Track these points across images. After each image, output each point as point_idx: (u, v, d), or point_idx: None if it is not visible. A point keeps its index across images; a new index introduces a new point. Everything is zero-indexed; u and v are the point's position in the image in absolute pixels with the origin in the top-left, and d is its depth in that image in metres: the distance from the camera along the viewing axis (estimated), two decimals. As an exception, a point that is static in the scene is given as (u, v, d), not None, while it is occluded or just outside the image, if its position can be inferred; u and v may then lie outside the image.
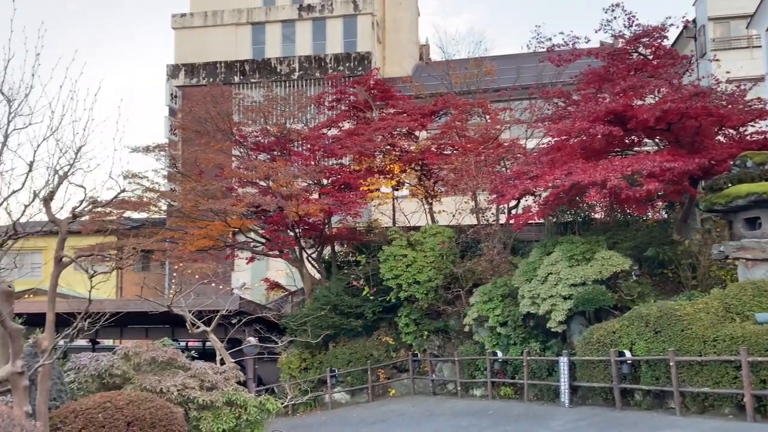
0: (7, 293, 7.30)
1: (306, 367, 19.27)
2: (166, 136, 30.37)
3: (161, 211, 23.97)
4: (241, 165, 22.80)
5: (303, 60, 31.90)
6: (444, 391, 18.21)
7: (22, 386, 7.06)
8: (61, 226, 7.80)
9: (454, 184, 19.11)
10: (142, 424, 7.49)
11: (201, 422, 9.28)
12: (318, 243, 22.32)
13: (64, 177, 7.78)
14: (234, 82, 31.47)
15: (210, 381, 9.86)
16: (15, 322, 7.28)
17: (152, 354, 9.59)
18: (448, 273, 18.17)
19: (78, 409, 7.51)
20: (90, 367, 9.26)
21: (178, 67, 32.41)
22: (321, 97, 24.34)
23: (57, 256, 7.86)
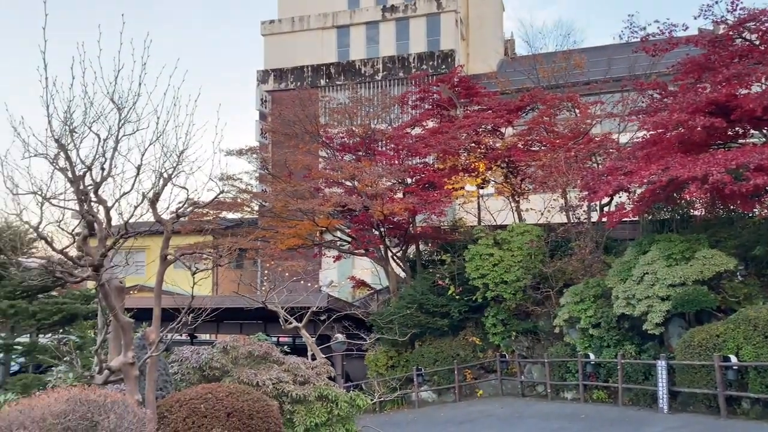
0: (119, 289, 7.84)
1: (392, 365, 19.43)
2: (257, 139, 31.56)
3: (254, 212, 24.92)
4: (327, 166, 23.32)
5: (386, 60, 32.16)
6: (533, 393, 17.81)
7: (133, 376, 7.56)
8: (166, 225, 8.28)
9: (543, 181, 18.63)
10: (240, 416, 7.80)
11: (294, 416, 9.57)
12: (403, 242, 22.46)
13: (168, 179, 8.26)
14: (320, 84, 32.23)
15: (302, 375, 10.14)
16: (125, 316, 7.81)
17: (249, 348, 9.99)
18: (537, 273, 17.75)
19: (182, 399, 7.91)
20: (192, 360, 9.75)
21: (267, 72, 33.56)
22: (404, 97, 24.47)
23: (162, 254, 8.36)
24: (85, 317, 10.51)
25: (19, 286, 9.75)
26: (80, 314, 10.42)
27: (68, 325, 10.43)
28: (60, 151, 7.48)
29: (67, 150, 7.47)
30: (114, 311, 7.46)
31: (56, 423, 5.47)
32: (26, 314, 9.88)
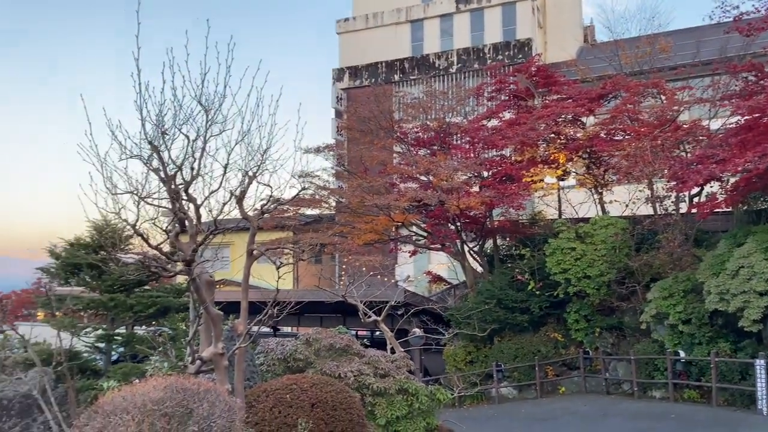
0: (209, 282, 8.20)
1: (471, 360, 19.28)
2: (333, 136, 32.06)
3: (331, 208, 25.36)
4: (402, 161, 23.38)
5: (461, 52, 31.84)
6: (618, 391, 17.20)
7: (223, 366, 7.89)
8: (252, 222, 8.59)
9: (627, 171, 17.89)
10: (324, 406, 7.98)
11: (376, 408, 9.69)
12: (479, 236, 22.21)
13: (253, 178, 8.55)
14: (394, 80, 32.33)
15: (383, 369, 10.25)
16: (215, 309, 8.16)
17: (330, 341, 10.19)
18: (622, 267, 17.09)
19: (268, 389, 8.19)
20: (276, 351, 10.06)
21: (342, 70, 34.01)
22: (480, 89, 24.13)
23: (249, 250, 8.67)
24: (176, 310, 11.06)
25: (118, 281, 10.38)
26: (172, 307, 10.98)
27: (162, 317, 11.01)
28: (153, 152, 7.88)
29: (159, 151, 7.87)
30: (205, 304, 7.80)
31: (155, 409, 5.79)
32: (124, 307, 10.51)
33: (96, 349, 10.95)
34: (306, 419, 7.62)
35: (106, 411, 5.84)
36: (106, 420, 5.72)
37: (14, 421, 8.86)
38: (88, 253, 10.66)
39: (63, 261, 10.69)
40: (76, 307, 10.51)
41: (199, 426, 5.84)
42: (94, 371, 10.54)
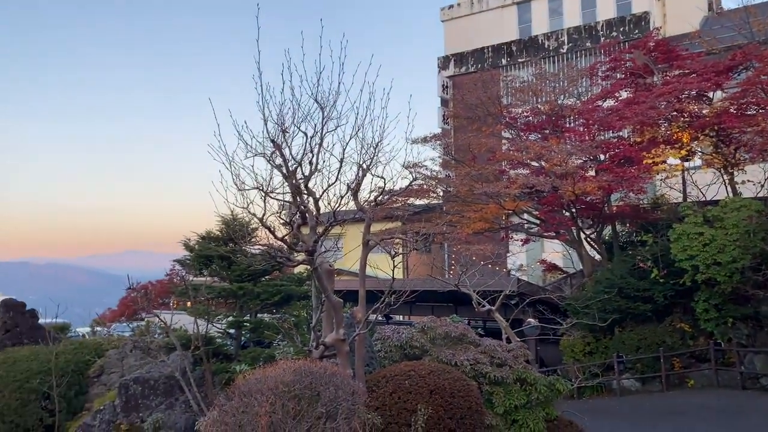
0: (329, 272, 8.56)
1: (590, 351, 18.62)
2: (440, 125, 32.01)
3: (439, 197, 25.39)
4: (512, 147, 22.90)
5: (572, 32, 30.59)
6: (756, 386, 15.94)
7: (345, 351, 8.22)
8: (367, 213, 8.84)
9: (762, 148, 16.43)
10: (442, 393, 8.07)
11: (493, 397, 9.65)
12: (596, 222, 21.33)
13: (367, 170, 8.79)
14: (501, 65, 31.68)
15: (499, 358, 10.18)
16: (335, 297, 8.49)
17: (445, 329, 10.27)
18: (758, 252, 15.75)
19: (388, 375, 8.41)
20: (393, 339, 10.29)
21: (447, 58, 33.82)
22: (593, 68, 23.08)
23: (364, 240, 8.93)
24: (298, 298, 11.60)
25: (246, 271, 11.06)
26: (295, 295, 11.53)
27: (285, 304, 11.59)
28: (275, 149, 8.34)
29: (281, 148, 8.29)
30: (326, 292, 8.16)
31: (286, 391, 6.16)
32: (252, 295, 11.18)
33: (227, 334, 11.75)
34: (425, 405, 7.75)
35: (243, 392, 6.28)
36: (243, 400, 6.17)
37: (160, 399, 9.74)
38: (218, 245, 11.45)
39: (196, 253, 11.56)
40: (209, 295, 11.34)
41: (327, 408, 6.14)
42: (225, 355, 11.32)
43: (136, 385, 9.73)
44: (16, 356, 10.47)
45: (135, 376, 9.86)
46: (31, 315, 12.58)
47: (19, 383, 9.86)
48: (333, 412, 6.19)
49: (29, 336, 12.05)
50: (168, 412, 9.65)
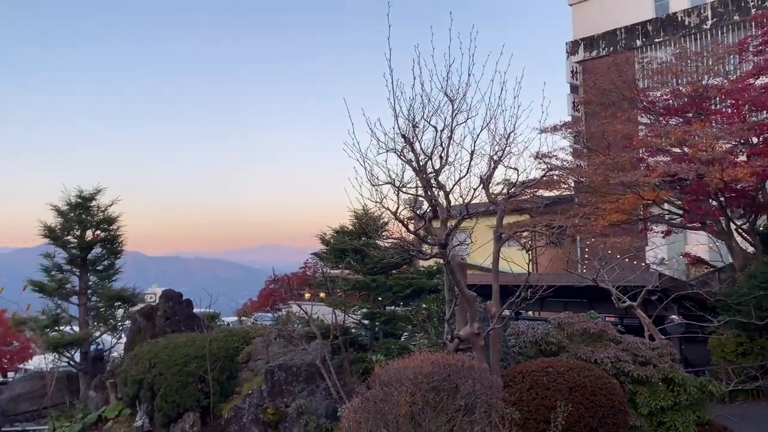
0: (461, 265, 8.56)
1: (743, 352, 17.03)
2: (569, 113, 30.76)
3: (570, 188, 24.42)
4: (650, 133, 21.45)
5: (716, 5, 28.09)
6: None
7: (480, 345, 8.19)
8: (499, 205, 8.73)
9: None
10: (583, 391, 7.80)
11: (637, 396, 9.17)
12: (749, 212, 19.44)
13: (498, 162, 8.68)
14: (636, 46, 29.82)
15: (642, 356, 9.65)
16: (469, 291, 8.47)
17: (583, 325, 9.90)
18: None
19: (524, 370, 8.26)
20: (527, 334, 10.09)
21: (576, 42, 32.42)
22: (743, 43, 21.00)
23: (497, 233, 8.83)
24: (429, 291, 11.71)
25: (378, 264, 11.35)
26: (426, 288, 11.65)
27: (417, 297, 11.75)
28: (406, 144, 8.47)
29: (411, 143, 8.41)
30: (459, 285, 8.17)
31: (425, 381, 6.25)
32: (384, 287, 11.46)
33: (361, 325, 12.13)
34: (564, 402, 7.53)
35: (383, 381, 6.46)
36: (384, 389, 6.34)
37: (302, 385, 10.27)
38: (352, 239, 11.84)
39: (332, 247, 12.04)
40: (345, 287, 11.77)
41: (466, 401, 6.16)
42: (360, 345, 11.70)
43: (280, 371, 10.34)
44: (176, 342, 11.51)
45: (279, 363, 10.47)
46: (187, 305, 13.79)
47: (179, 367, 10.83)
48: (472, 405, 6.20)
49: (186, 324, 13.21)
50: (310, 398, 10.15)
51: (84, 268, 14.87)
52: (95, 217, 14.98)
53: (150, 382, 10.87)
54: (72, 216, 14.76)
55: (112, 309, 15.08)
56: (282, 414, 10.06)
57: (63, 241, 14.63)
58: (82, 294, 14.74)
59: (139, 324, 13.47)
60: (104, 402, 12.84)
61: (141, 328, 13.33)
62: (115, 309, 15.12)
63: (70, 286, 14.69)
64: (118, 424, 11.70)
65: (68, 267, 14.83)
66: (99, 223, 14.97)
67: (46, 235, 14.71)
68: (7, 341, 18.18)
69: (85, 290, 14.79)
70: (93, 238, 14.94)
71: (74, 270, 14.90)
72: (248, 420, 10.22)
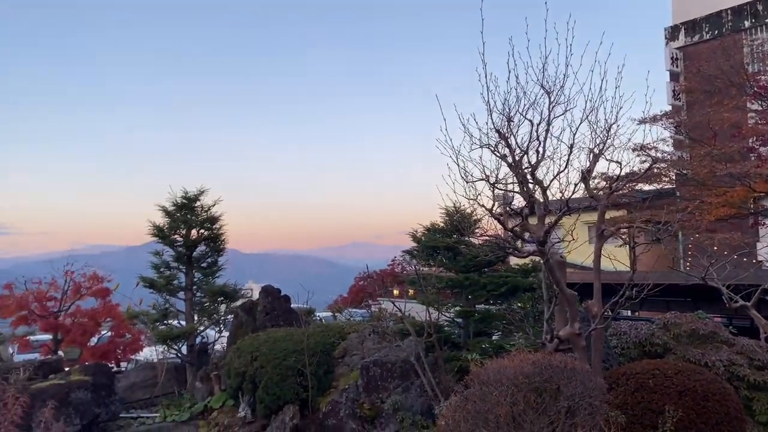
0: (561, 263, 8.31)
1: None
2: (669, 102, 29.15)
3: (671, 181, 23.15)
4: (762, 120, 19.94)
5: (838, -21, 25.70)
6: None
7: (581, 346, 7.93)
8: (600, 200, 8.40)
9: None
10: (693, 396, 7.37)
11: (754, 403, 8.58)
12: None
13: (599, 155, 8.35)
14: (744, 28, 27.78)
15: (759, 360, 9.01)
16: (569, 289, 8.21)
17: (692, 326, 9.37)
18: None
19: (628, 372, 7.92)
20: (630, 335, 9.67)
21: (676, 27, 30.65)
22: None
23: (599, 230, 8.51)
24: (524, 290, 11.47)
25: (471, 262, 11.24)
26: (521, 287, 11.42)
27: (511, 296, 11.54)
28: (500, 139, 8.32)
29: (506, 138, 8.26)
30: (559, 284, 7.94)
31: (525, 382, 6.13)
32: (478, 285, 11.32)
33: (454, 323, 12.06)
34: (674, 407, 7.16)
35: (482, 380, 6.40)
36: (483, 389, 6.28)
37: (397, 382, 10.36)
38: (443, 236, 11.80)
39: (423, 244, 12.04)
40: (438, 285, 11.74)
41: (569, 403, 5.99)
42: (454, 344, 11.63)
43: (375, 367, 10.47)
44: (275, 336, 11.93)
45: (374, 359, 10.61)
46: (285, 300, 14.25)
47: (279, 360, 11.21)
48: (575, 407, 6.01)
49: (284, 319, 13.66)
50: (404, 395, 10.22)
51: (189, 265, 15.71)
52: (199, 217, 15.78)
53: (252, 374, 11.33)
54: (178, 216, 15.63)
55: (216, 304, 15.84)
56: (378, 410, 10.19)
57: (170, 239, 15.51)
58: (188, 290, 15.58)
59: (240, 318, 14.08)
60: (209, 392, 13.51)
61: (242, 323, 13.93)
62: (218, 304, 15.86)
63: (177, 282, 15.56)
64: (222, 414, 12.27)
65: (175, 264, 15.71)
66: (203, 223, 15.76)
67: (155, 234, 15.64)
68: (120, 333, 19.47)
69: (190, 286, 15.63)
70: (197, 237, 15.74)
71: (181, 267, 15.77)
72: (345, 414, 10.43)
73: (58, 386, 12.37)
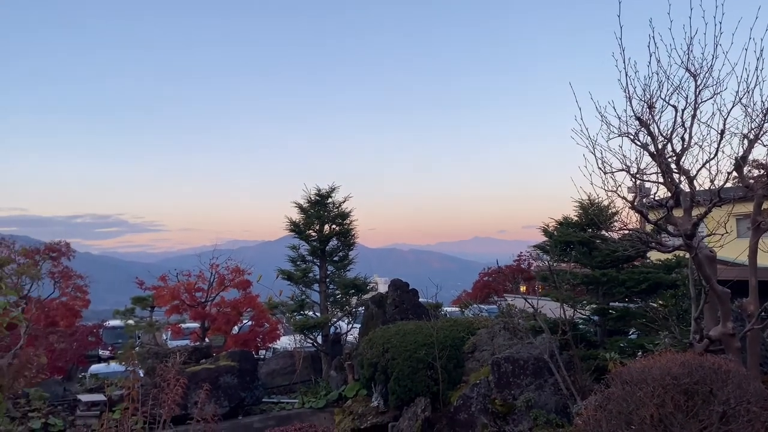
0: (710, 258, 7.72)
1: None
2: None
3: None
4: None
5: None
6: None
7: (735, 347, 7.33)
8: (755, 189, 7.69)
9: None
10: None
11: None
12: None
13: (755, 140, 7.64)
14: None
15: None
16: (720, 287, 7.60)
17: None
18: None
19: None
20: (793, 337, 8.78)
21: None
22: None
23: (754, 221, 7.80)
24: (666, 287, 10.79)
25: (607, 257, 10.75)
26: (663, 283, 10.75)
27: (652, 293, 10.90)
28: (641, 127, 7.88)
29: (647, 125, 7.81)
30: (709, 280, 7.39)
31: (673, 383, 5.78)
32: (616, 282, 10.81)
33: (590, 321, 11.61)
34: None
35: (624, 380, 6.13)
36: (626, 388, 6.01)
37: (529, 379, 10.17)
38: (576, 231, 11.38)
39: (555, 239, 11.69)
40: (574, 281, 11.37)
41: (723, 408, 5.57)
42: (589, 342, 11.20)
43: (507, 363, 10.35)
44: (405, 329, 12.16)
45: (505, 355, 10.48)
46: (413, 294, 14.49)
47: (409, 353, 11.42)
48: (731, 413, 5.58)
49: (413, 312, 13.88)
50: (538, 392, 10.01)
51: (323, 258, 16.44)
52: (331, 213, 16.48)
53: (384, 365, 11.65)
54: (312, 212, 16.41)
55: (347, 296, 16.46)
56: (510, 406, 10.07)
57: (305, 234, 16.34)
58: (322, 282, 16.33)
59: (371, 310, 14.51)
60: (343, 381, 14.07)
61: (373, 315, 14.35)
62: (350, 296, 16.47)
63: (312, 275, 16.36)
64: (356, 403, 12.73)
65: (310, 258, 16.52)
66: (334, 218, 16.42)
67: (292, 230, 16.54)
68: (260, 323, 20.78)
69: (324, 279, 16.36)
70: (329, 232, 16.44)
71: (315, 260, 16.55)
72: (477, 409, 10.42)
73: (209, 371, 13.48)
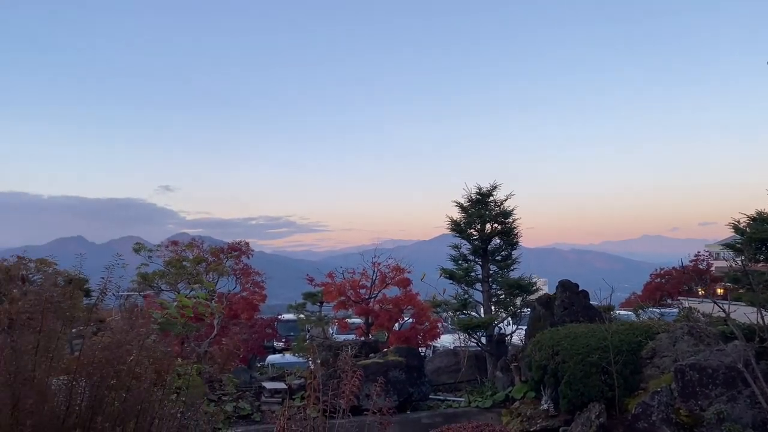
0: None
1: None
2: None
3: None
4: None
5: None
6: None
7: None
8: None
9: None
10: None
11: None
12: None
13: None
14: None
15: None
16: None
17: None
18: None
19: None
20: None
21: None
22: None
23: None
24: None
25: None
26: None
27: None
28: None
29: None
30: None
31: None
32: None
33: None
34: None
35: None
36: None
37: (720, 390, 9.28)
38: (774, 227, 10.19)
39: (748, 236, 10.58)
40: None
41: None
42: (793, 351, 9.96)
43: (692, 371, 9.54)
44: (576, 332, 11.70)
45: (691, 362, 9.67)
46: (584, 295, 13.90)
47: (581, 356, 10.97)
48: None
49: (583, 314, 13.31)
50: (730, 404, 9.11)
51: (485, 258, 16.36)
52: (492, 211, 16.34)
53: (553, 368, 11.30)
54: (473, 211, 16.40)
55: (511, 297, 16.22)
56: (697, 418, 9.28)
57: (467, 234, 16.37)
58: (484, 281, 16.26)
59: (538, 312, 14.15)
60: (509, 382, 13.88)
61: (540, 316, 13.98)
62: (514, 297, 16.22)
63: (474, 274, 16.35)
64: (524, 405, 12.49)
65: (472, 257, 16.53)
66: (496, 217, 16.27)
67: (452, 228, 16.66)
68: (420, 321, 21.20)
69: (486, 278, 16.27)
70: (491, 231, 16.32)
71: (477, 260, 16.53)
72: (658, 419, 9.73)
73: (378, 365, 14.01)
